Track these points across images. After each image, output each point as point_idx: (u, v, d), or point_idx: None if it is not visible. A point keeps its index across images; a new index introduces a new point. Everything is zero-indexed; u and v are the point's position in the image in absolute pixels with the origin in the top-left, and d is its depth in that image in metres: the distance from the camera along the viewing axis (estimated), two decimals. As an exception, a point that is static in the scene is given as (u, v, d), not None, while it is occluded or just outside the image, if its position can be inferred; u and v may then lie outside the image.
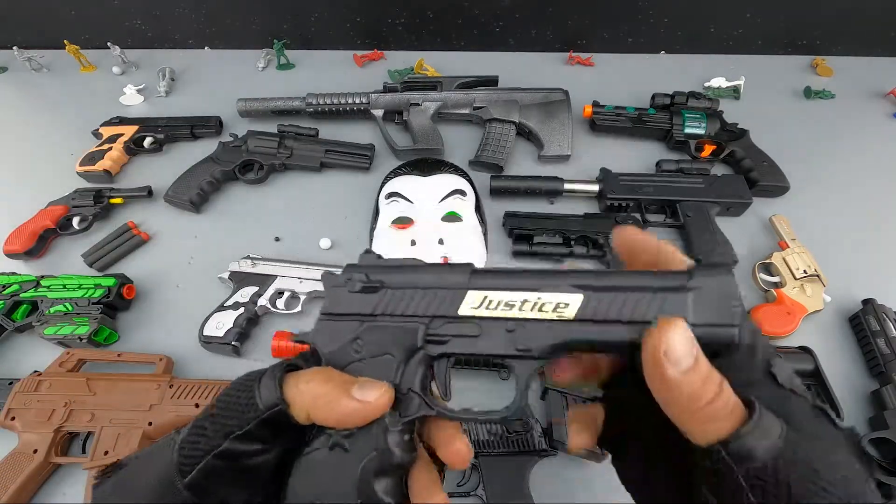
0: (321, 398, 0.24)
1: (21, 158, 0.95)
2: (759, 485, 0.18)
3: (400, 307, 0.26)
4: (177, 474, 0.24)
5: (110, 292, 0.70)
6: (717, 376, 0.20)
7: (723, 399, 0.19)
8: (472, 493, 0.57)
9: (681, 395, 0.19)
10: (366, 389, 0.24)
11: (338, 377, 0.25)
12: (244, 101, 0.97)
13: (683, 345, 0.20)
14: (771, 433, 0.18)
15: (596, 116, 0.94)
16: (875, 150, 0.94)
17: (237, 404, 0.24)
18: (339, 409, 0.24)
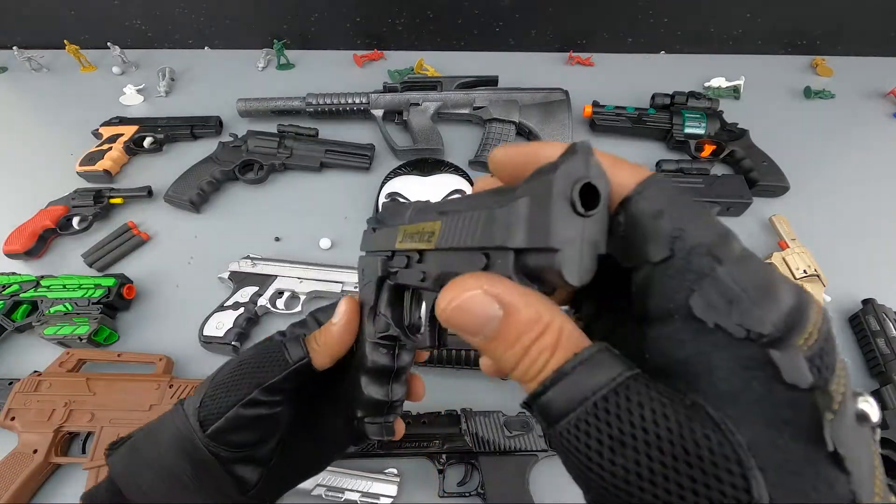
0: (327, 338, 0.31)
1: (21, 158, 0.95)
2: (562, 446, 0.15)
3: (377, 244, 0.31)
4: (196, 427, 0.28)
5: (110, 292, 0.70)
6: (527, 338, 0.15)
7: (528, 361, 0.15)
8: (472, 493, 0.57)
9: (496, 360, 0.16)
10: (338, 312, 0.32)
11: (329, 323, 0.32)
12: (244, 101, 0.97)
13: (479, 310, 0.16)
14: (580, 386, 0.14)
15: (596, 116, 0.94)
16: (875, 150, 0.94)
17: (267, 361, 0.30)
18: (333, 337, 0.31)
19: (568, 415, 0.14)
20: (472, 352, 0.63)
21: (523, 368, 0.15)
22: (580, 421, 0.14)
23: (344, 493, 0.56)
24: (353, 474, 0.57)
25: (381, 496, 0.56)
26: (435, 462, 0.58)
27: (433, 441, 0.59)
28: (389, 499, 0.56)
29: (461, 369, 0.66)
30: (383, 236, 0.31)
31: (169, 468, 0.28)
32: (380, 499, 0.56)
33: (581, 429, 0.14)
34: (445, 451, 0.58)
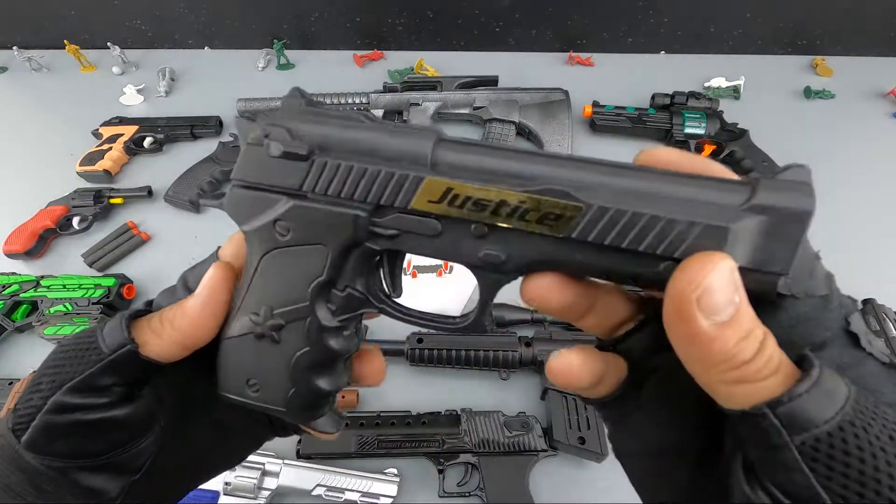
0: (184, 322, 0.23)
1: (21, 158, 0.95)
2: (820, 459, 0.14)
3: (336, 186, 0.20)
4: (10, 438, 0.22)
5: (110, 292, 0.70)
6: (759, 331, 0.15)
7: (764, 357, 0.15)
8: (472, 493, 0.57)
9: (710, 352, 0.15)
10: (200, 284, 0.24)
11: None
12: (244, 101, 0.97)
13: (724, 291, 0.15)
14: (836, 396, 0.14)
15: (596, 116, 0.94)
16: (875, 150, 0.94)
17: (75, 353, 0.22)
18: (187, 320, 0.23)
19: (829, 420, 0.14)
20: (473, 351, 0.63)
21: (760, 363, 0.15)
22: (845, 425, 0.14)
23: (344, 493, 0.56)
24: (353, 474, 0.57)
25: (381, 496, 0.56)
26: (435, 462, 0.58)
27: (433, 441, 0.59)
28: (389, 499, 0.56)
29: (461, 369, 0.66)
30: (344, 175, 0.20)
31: (9, 487, 0.22)
32: (380, 499, 0.56)
33: (848, 433, 0.14)
34: (445, 451, 0.58)
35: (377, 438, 0.59)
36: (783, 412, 0.14)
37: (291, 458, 0.58)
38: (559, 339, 0.65)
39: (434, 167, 0.19)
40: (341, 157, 0.20)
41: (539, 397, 0.64)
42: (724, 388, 0.16)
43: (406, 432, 0.59)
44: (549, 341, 0.65)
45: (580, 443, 0.57)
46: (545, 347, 0.64)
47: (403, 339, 0.65)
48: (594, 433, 0.57)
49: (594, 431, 0.57)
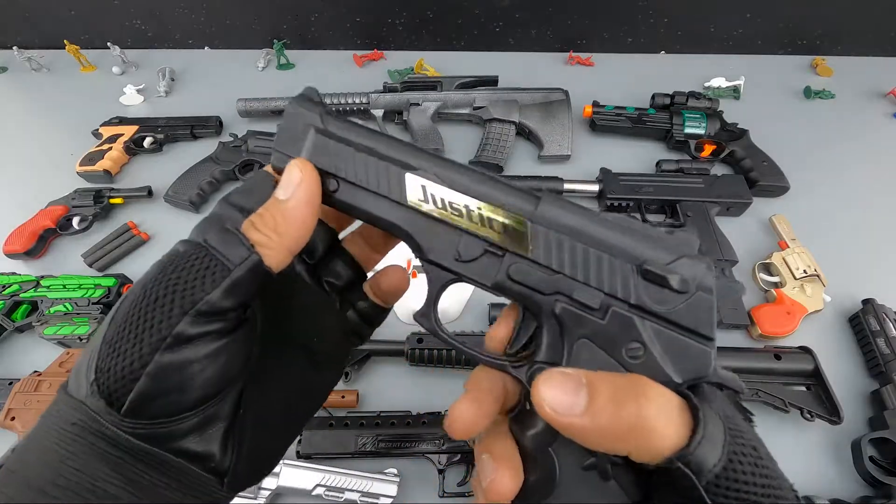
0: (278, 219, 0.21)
1: (21, 158, 0.95)
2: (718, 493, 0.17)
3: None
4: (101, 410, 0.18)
5: (110, 292, 0.70)
6: (628, 397, 0.17)
7: (650, 413, 0.17)
8: (472, 493, 0.57)
9: (598, 432, 0.18)
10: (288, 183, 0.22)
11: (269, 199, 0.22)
12: (244, 101, 0.97)
13: (562, 394, 0.18)
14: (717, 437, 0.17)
15: (596, 116, 0.94)
16: (875, 150, 0.94)
17: (189, 274, 0.19)
18: (285, 215, 0.21)
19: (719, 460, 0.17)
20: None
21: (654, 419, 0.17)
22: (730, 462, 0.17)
23: (344, 493, 0.56)
24: (353, 474, 0.57)
25: (381, 496, 0.56)
26: (435, 462, 0.58)
27: (433, 441, 0.59)
28: (389, 499, 0.56)
29: (461, 369, 0.66)
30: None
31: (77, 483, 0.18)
32: (380, 499, 0.56)
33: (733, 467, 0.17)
34: (445, 451, 0.58)
35: (377, 438, 0.59)
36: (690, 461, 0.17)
37: (291, 458, 0.58)
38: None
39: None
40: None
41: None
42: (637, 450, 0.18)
43: (406, 432, 0.59)
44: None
45: (580, 443, 0.57)
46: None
47: (403, 339, 0.65)
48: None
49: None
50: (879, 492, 0.56)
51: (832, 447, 0.61)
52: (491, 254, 0.22)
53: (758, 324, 0.68)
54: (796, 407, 0.60)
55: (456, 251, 0.23)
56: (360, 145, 0.23)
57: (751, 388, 0.62)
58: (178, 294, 0.19)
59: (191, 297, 0.19)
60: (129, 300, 0.20)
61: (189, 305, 0.19)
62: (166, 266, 0.20)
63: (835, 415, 0.60)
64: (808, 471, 0.59)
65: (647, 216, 0.81)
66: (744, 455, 0.17)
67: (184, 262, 0.20)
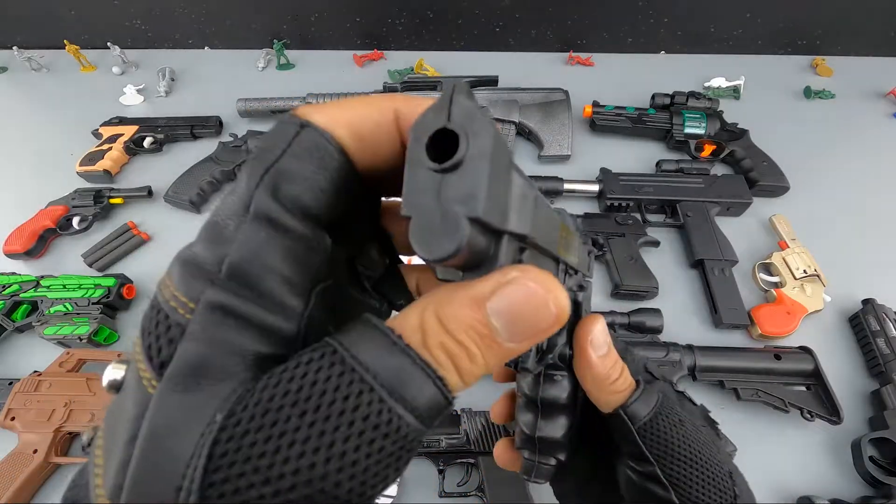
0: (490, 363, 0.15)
1: (21, 158, 0.95)
2: (645, 436, 0.25)
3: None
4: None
5: (110, 292, 0.70)
6: (620, 362, 0.25)
7: (623, 377, 0.25)
8: (472, 493, 0.57)
9: (598, 373, 0.25)
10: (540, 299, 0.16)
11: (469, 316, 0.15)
12: (244, 101, 0.97)
13: (602, 336, 0.25)
14: (651, 401, 0.25)
15: (596, 116, 0.94)
16: (875, 150, 0.94)
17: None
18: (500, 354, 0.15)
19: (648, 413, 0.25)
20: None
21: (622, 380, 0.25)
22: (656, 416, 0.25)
23: (344, 493, 0.56)
24: (353, 474, 0.57)
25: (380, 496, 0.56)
26: (435, 462, 0.58)
27: (433, 441, 0.59)
28: (389, 499, 0.56)
29: (461, 369, 0.66)
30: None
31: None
32: (380, 498, 0.56)
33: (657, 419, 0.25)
34: (445, 451, 0.58)
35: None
36: (628, 411, 0.25)
37: (291, 458, 0.58)
38: (559, 339, 0.65)
39: None
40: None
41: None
42: (605, 397, 0.25)
43: (406, 432, 0.59)
44: (549, 341, 0.65)
45: (580, 443, 0.57)
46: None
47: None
48: (594, 433, 0.57)
49: (594, 431, 0.58)
50: (879, 492, 0.56)
51: (832, 447, 0.61)
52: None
53: (758, 324, 0.68)
54: (796, 407, 0.60)
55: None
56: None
57: (751, 388, 0.62)
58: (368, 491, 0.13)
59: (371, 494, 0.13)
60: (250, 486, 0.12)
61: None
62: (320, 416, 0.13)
63: (835, 415, 0.60)
64: (807, 471, 0.59)
65: (647, 216, 0.81)
66: (667, 417, 0.25)
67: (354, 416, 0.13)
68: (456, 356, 0.14)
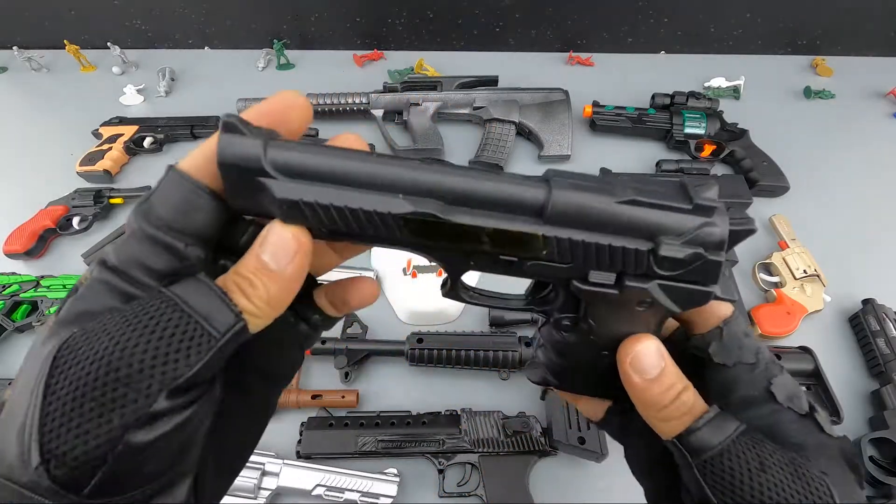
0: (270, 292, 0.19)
1: (21, 158, 0.95)
2: (708, 472, 0.21)
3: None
4: (52, 493, 0.16)
5: (110, 292, 0.69)
6: (678, 385, 0.22)
7: (678, 403, 0.22)
8: (472, 493, 0.57)
9: (644, 399, 0.23)
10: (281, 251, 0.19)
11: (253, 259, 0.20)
12: (244, 101, 0.97)
13: (649, 357, 0.23)
14: (724, 431, 0.21)
15: (596, 116, 0.94)
16: (875, 150, 0.94)
17: (169, 348, 0.17)
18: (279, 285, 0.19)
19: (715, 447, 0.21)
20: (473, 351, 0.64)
21: (675, 407, 0.22)
22: (725, 451, 0.21)
23: (344, 493, 0.56)
24: (353, 474, 0.57)
25: (381, 496, 0.56)
26: (435, 462, 0.58)
27: (433, 441, 0.59)
28: (389, 499, 0.56)
29: (461, 369, 0.66)
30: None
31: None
32: (380, 499, 0.56)
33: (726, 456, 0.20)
34: (445, 451, 0.58)
35: (377, 438, 0.59)
36: (686, 442, 0.21)
37: (291, 458, 0.58)
38: (559, 339, 0.65)
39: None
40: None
41: (539, 397, 0.64)
42: (657, 424, 0.23)
43: (406, 432, 0.59)
44: (549, 341, 0.65)
45: (580, 443, 0.57)
46: (545, 347, 0.64)
47: (403, 339, 0.65)
48: (594, 433, 0.57)
49: (594, 431, 0.58)
50: (879, 492, 0.56)
51: (832, 447, 0.61)
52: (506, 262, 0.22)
53: (758, 324, 0.68)
54: (796, 407, 0.60)
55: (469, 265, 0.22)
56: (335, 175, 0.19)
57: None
58: (158, 369, 0.17)
59: (172, 373, 0.17)
60: (75, 371, 0.17)
61: (170, 382, 0.17)
62: (136, 329, 0.17)
63: (835, 415, 0.60)
64: (808, 471, 0.59)
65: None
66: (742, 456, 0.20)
67: (160, 327, 0.17)
68: (242, 286, 0.19)
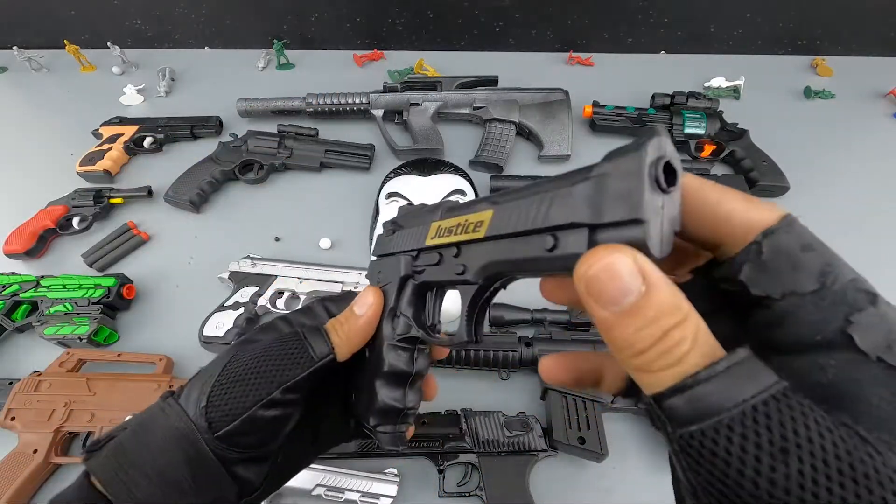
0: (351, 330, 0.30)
1: (21, 158, 0.95)
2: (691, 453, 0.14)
3: (400, 244, 0.32)
4: (203, 428, 0.26)
5: (110, 292, 0.70)
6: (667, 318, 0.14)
7: (664, 345, 0.14)
8: (472, 493, 0.57)
9: (612, 339, 0.15)
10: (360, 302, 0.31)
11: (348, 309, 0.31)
12: (244, 101, 0.97)
13: (610, 278, 0.15)
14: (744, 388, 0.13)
15: (596, 116, 0.94)
16: (875, 150, 0.94)
17: (288, 356, 0.28)
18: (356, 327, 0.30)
19: (712, 417, 0.13)
20: (473, 351, 0.64)
21: (657, 353, 0.14)
22: (734, 423, 0.13)
23: (344, 493, 0.56)
24: (353, 474, 0.57)
25: (381, 496, 0.56)
26: (435, 462, 0.58)
27: (433, 441, 0.59)
28: (389, 499, 0.56)
29: (461, 369, 0.66)
30: (405, 237, 0.31)
31: (164, 472, 0.25)
32: (380, 499, 0.56)
33: (735, 431, 0.13)
34: (445, 451, 0.58)
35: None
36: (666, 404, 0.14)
37: (291, 458, 0.58)
38: (559, 338, 0.65)
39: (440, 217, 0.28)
40: (406, 227, 0.32)
41: (539, 397, 0.64)
42: (634, 374, 0.15)
43: (406, 432, 0.59)
44: (549, 341, 0.65)
45: (580, 443, 0.57)
46: (545, 347, 0.64)
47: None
48: (594, 433, 0.57)
49: (594, 431, 0.58)
50: None
51: (832, 447, 0.61)
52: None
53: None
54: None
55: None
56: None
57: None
58: (278, 373, 0.28)
59: (286, 375, 0.28)
60: (249, 354, 0.29)
61: (283, 381, 0.28)
62: (273, 344, 0.29)
63: (835, 415, 0.60)
64: (808, 471, 0.59)
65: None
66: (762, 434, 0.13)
67: (285, 345, 0.29)
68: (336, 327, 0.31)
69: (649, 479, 0.58)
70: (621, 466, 0.59)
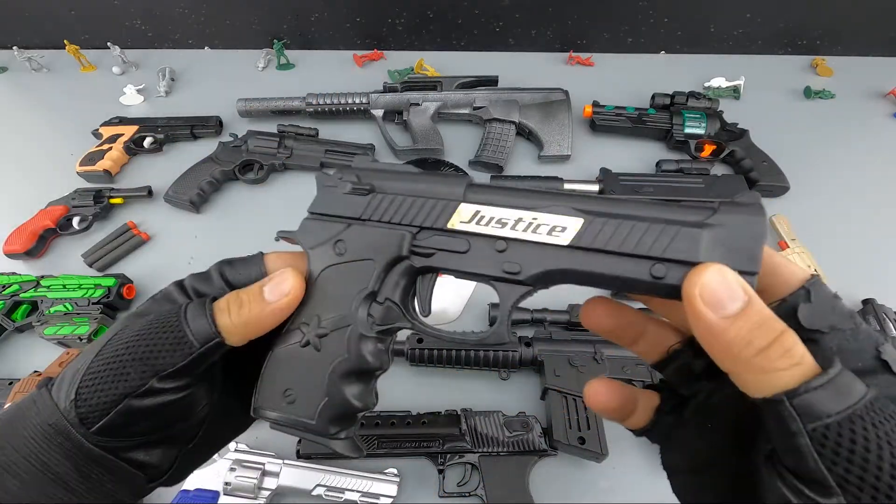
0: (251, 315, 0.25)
1: (21, 158, 0.95)
2: (827, 446, 0.16)
3: (388, 213, 0.26)
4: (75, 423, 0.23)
5: (110, 292, 0.70)
6: (777, 325, 0.18)
7: (782, 347, 0.17)
8: (472, 493, 0.57)
9: (726, 341, 0.18)
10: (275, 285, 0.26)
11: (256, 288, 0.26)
12: (244, 101, 0.97)
13: (722, 286, 0.18)
14: (851, 393, 0.16)
15: (596, 116, 0.94)
16: (875, 150, 0.94)
17: (163, 340, 0.24)
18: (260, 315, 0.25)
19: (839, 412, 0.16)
20: (473, 351, 0.64)
21: (778, 352, 0.17)
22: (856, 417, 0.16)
23: (344, 493, 0.56)
24: (353, 474, 0.57)
25: (381, 496, 0.56)
26: (435, 462, 0.58)
27: (433, 441, 0.59)
28: (389, 499, 0.56)
29: (461, 369, 0.66)
30: (396, 206, 0.25)
31: (42, 470, 0.23)
32: (380, 499, 0.56)
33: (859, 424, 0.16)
34: (445, 451, 0.58)
35: (377, 438, 0.59)
36: (798, 402, 0.16)
37: (291, 458, 0.58)
38: (559, 338, 0.65)
39: (465, 198, 0.24)
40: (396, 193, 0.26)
41: (539, 397, 0.64)
42: (749, 376, 0.18)
43: (406, 432, 0.59)
44: (549, 341, 0.65)
45: (580, 443, 0.57)
46: (545, 347, 0.64)
47: (403, 339, 0.65)
48: (594, 433, 0.57)
49: (594, 431, 0.58)
50: None
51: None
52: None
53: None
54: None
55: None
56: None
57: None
58: (150, 361, 0.23)
59: (159, 366, 0.23)
60: (120, 336, 0.25)
61: (160, 369, 0.23)
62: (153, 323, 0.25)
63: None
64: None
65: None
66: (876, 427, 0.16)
67: (164, 325, 0.24)
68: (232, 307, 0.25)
69: (649, 479, 0.58)
70: (621, 466, 0.59)
